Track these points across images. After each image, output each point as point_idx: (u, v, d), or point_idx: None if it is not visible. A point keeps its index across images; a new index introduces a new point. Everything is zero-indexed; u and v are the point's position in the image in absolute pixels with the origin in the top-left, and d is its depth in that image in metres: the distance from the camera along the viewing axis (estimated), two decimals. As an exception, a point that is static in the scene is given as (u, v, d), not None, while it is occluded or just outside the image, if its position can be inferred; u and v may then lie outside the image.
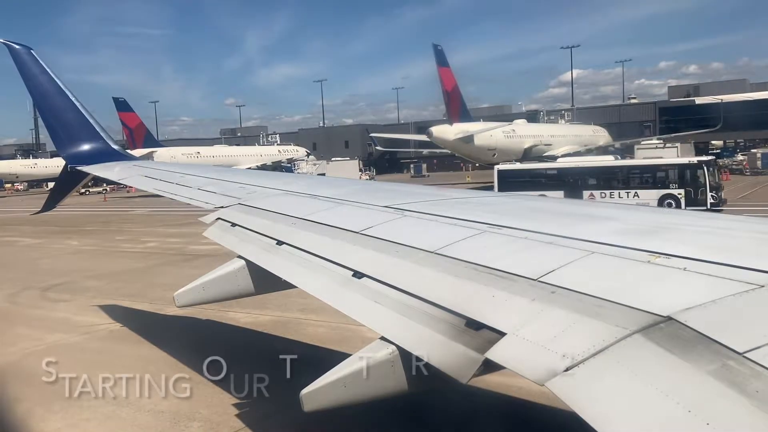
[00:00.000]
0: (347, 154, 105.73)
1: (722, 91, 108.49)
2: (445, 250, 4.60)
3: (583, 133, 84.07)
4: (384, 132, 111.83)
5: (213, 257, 25.11)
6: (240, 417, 9.36)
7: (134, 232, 36.94)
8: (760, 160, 70.91)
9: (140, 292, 18.99)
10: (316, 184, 9.86)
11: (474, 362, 3.43)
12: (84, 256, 28.51)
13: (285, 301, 14.94)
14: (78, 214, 48.15)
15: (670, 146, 49.74)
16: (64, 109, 13.00)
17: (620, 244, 4.00)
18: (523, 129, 75.77)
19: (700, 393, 2.45)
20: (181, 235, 33.09)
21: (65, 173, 13.45)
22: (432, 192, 8.17)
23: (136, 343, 13.78)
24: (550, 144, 73.95)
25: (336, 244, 5.63)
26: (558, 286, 3.56)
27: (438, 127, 69.81)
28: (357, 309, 4.52)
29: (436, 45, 66.55)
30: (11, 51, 12.77)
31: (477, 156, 71.47)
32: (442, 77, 66.00)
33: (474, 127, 68.77)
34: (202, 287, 7.08)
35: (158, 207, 52.15)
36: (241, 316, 15.32)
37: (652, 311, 3.00)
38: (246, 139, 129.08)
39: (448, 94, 66.79)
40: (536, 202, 6.93)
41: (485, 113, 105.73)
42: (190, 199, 9.56)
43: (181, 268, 23.21)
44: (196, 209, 9.46)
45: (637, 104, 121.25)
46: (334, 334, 13.14)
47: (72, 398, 7.01)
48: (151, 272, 22.92)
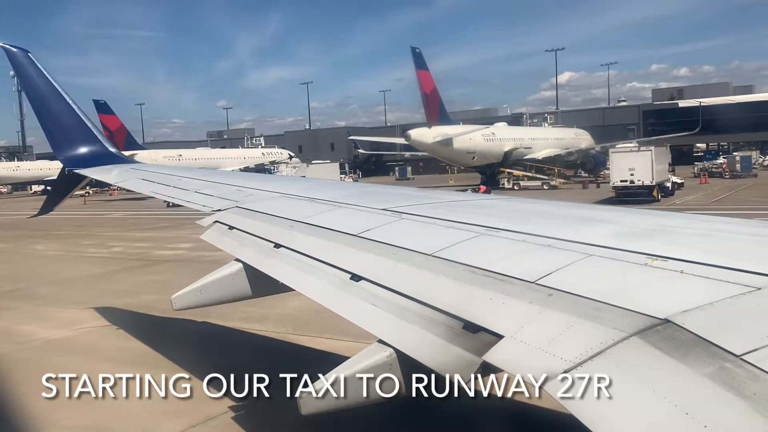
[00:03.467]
0: (333, 156, 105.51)
1: (706, 94, 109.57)
2: (443, 252, 4.60)
3: (565, 136, 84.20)
4: (369, 134, 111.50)
5: (175, 263, 25.36)
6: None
7: (104, 236, 36.50)
8: (739, 163, 71.24)
9: (91, 300, 18.52)
10: (314, 187, 9.86)
11: (472, 365, 3.43)
12: (46, 261, 28.11)
13: (237, 310, 14.68)
14: (54, 218, 47.75)
15: (644, 149, 49.78)
16: (62, 112, 13.00)
17: (617, 247, 4.01)
18: (503, 132, 75.69)
19: (697, 395, 2.45)
20: (149, 240, 33.00)
21: (63, 176, 13.44)
22: (430, 195, 8.17)
23: (71, 353, 13.36)
24: (531, 147, 73.99)
25: (334, 247, 5.63)
26: (555, 289, 3.56)
27: (416, 130, 69.70)
28: (354, 312, 4.51)
29: (414, 48, 66.34)
30: (8, 54, 12.77)
31: (456, 159, 71.39)
32: (421, 80, 65.84)
33: (453, 130, 68.66)
34: (200, 290, 7.08)
35: (135, 210, 52.04)
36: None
37: (650, 314, 3.00)
38: (232, 142, 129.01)
39: (427, 96, 66.60)
40: (533, 205, 6.93)
41: (471, 116, 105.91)
42: (187, 202, 9.55)
43: (139, 274, 23.13)
44: (171, 212, 9.43)
45: (621, 107, 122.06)
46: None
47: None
48: (107, 278, 22.66)
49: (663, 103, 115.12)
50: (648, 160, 46.54)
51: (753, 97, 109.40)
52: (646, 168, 46.10)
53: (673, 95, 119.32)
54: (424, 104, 67.29)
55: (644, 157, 47.15)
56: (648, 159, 46.76)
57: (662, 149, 51.78)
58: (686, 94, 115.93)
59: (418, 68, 65.80)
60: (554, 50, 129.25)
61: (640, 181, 45.70)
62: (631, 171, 46.52)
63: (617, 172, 47.97)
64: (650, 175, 45.77)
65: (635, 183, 45.68)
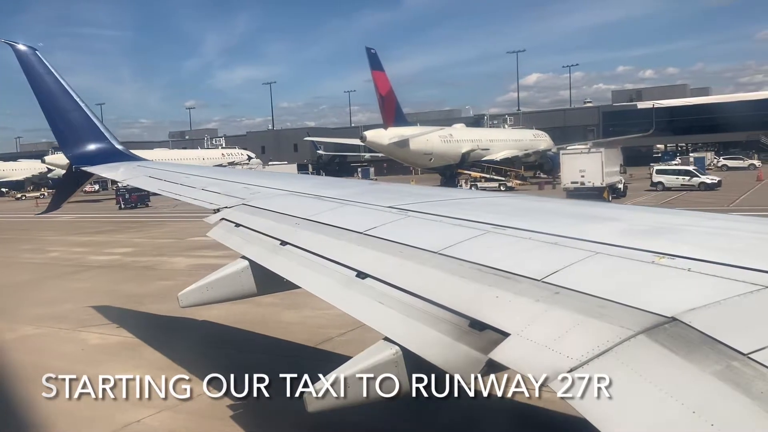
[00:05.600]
0: (297, 157, 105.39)
1: (664, 96, 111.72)
2: (449, 250, 4.60)
3: (524, 137, 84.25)
4: (333, 135, 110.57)
5: (107, 269, 25.14)
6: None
7: (45, 240, 36.03)
8: (692, 164, 71.25)
9: (8, 310, 18.09)
10: (320, 185, 9.87)
11: (477, 363, 3.43)
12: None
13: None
14: (3, 221, 47.38)
15: (594, 151, 49.98)
16: (69, 110, 13.06)
17: (624, 245, 3.99)
18: (460, 133, 75.57)
19: (704, 394, 2.44)
20: (89, 244, 32.83)
21: (70, 173, 13.51)
22: (436, 192, 8.17)
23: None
24: (488, 148, 73.89)
25: (340, 245, 5.63)
26: (562, 287, 3.55)
27: (372, 132, 69.33)
28: (360, 309, 4.52)
29: (369, 48, 65.80)
30: (15, 51, 12.82)
31: (413, 160, 71.11)
32: (377, 81, 65.27)
33: (409, 131, 68.33)
34: (206, 287, 7.09)
35: (85, 213, 51.31)
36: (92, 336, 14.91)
37: (657, 312, 2.99)
38: (194, 142, 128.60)
39: (383, 97, 66.11)
40: (540, 203, 6.92)
41: (435, 117, 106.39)
42: (193, 200, 9.58)
43: (68, 281, 22.92)
44: (120, 215, 9.27)
45: (581, 108, 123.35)
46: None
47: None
48: (34, 286, 22.36)
49: (622, 104, 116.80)
50: (598, 162, 46.76)
51: (709, 99, 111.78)
52: (597, 170, 46.41)
53: (633, 97, 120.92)
54: (380, 105, 66.68)
55: (594, 159, 47.44)
56: (598, 161, 46.99)
57: (613, 151, 52.06)
58: (645, 95, 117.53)
59: (373, 69, 65.08)
60: (516, 52, 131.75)
61: (591, 182, 45.98)
62: (581, 173, 46.95)
63: (568, 174, 48.46)
64: (600, 177, 46.11)
65: (586, 185, 45.90)
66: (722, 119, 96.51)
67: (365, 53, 66.04)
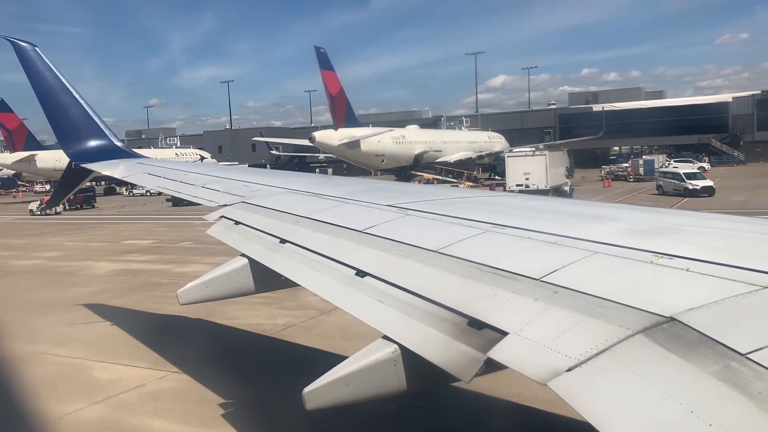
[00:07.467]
0: (254, 157, 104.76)
1: (619, 98, 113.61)
2: (448, 249, 4.60)
3: (479, 139, 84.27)
4: (290, 135, 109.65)
5: (28, 274, 24.48)
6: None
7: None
8: (642, 167, 71.81)
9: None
10: (320, 183, 9.87)
11: (476, 362, 3.43)
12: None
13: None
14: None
15: (539, 153, 50.18)
16: (69, 107, 13.04)
17: (623, 245, 4.00)
18: (414, 135, 75.15)
19: (702, 394, 2.44)
20: (18, 248, 32.54)
21: (69, 170, 13.49)
22: (436, 191, 8.17)
23: None
24: (441, 150, 73.64)
25: (339, 243, 5.64)
26: (561, 286, 3.55)
27: (321, 132, 68.60)
28: (359, 307, 4.52)
29: (319, 48, 65.09)
30: (16, 48, 12.81)
31: (365, 162, 70.46)
32: (326, 81, 64.56)
33: (360, 132, 67.60)
34: (205, 285, 7.09)
35: (27, 215, 50.24)
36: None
37: (655, 312, 2.99)
38: (150, 141, 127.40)
39: (333, 98, 65.39)
40: (539, 202, 6.92)
41: (396, 118, 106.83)
42: (193, 197, 9.58)
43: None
44: (62, 217, 9.06)
45: (538, 110, 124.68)
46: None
47: None
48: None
49: (577, 107, 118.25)
50: (542, 164, 47.14)
51: (662, 102, 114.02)
52: (541, 172, 46.76)
53: (589, 99, 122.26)
54: (330, 106, 65.89)
55: (539, 161, 47.75)
56: (542, 163, 47.33)
57: (558, 153, 52.25)
58: (601, 98, 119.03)
59: (323, 68, 64.31)
60: (474, 54, 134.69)
61: (535, 185, 46.27)
62: (526, 175, 47.27)
63: (513, 176, 48.75)
64: (545, 179, 46.41)
65: (530, 187, 46.14)
66: (675, 122, 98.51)
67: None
